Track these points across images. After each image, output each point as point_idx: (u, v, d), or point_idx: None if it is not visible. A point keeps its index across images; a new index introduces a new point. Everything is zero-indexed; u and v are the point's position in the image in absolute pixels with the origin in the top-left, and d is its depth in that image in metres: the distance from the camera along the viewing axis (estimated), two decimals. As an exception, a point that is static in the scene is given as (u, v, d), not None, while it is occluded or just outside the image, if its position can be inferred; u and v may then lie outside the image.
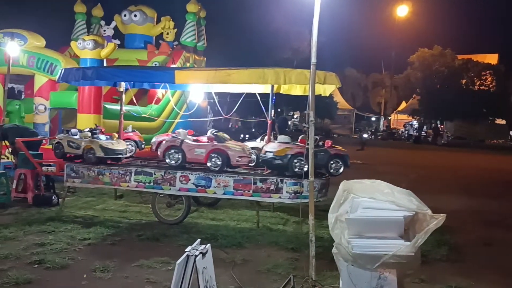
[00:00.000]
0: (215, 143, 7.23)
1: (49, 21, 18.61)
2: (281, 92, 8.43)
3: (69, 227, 6.77)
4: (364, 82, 60.25)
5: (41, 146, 9.62)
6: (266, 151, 7.17)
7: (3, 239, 6.02)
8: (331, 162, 7.07)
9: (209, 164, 7.11)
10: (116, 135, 8.15)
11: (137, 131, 8.93)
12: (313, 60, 4.71)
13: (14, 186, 8.38)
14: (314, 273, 4.63)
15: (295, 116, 46.52)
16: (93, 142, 7.61)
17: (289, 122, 38.78)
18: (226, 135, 7.69)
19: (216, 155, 7.09)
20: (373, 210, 3.64)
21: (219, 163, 7.07)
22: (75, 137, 7.85)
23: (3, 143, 9.28)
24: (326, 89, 7.73)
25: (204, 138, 8.00)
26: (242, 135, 19.22)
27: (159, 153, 7.51)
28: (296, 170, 6.87)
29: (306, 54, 27.44)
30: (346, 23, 42.40)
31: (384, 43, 58.37)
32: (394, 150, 28.64)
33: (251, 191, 6.98)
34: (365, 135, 31.54)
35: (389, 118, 55.38)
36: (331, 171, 7.08)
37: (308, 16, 4.92)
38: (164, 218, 7.41)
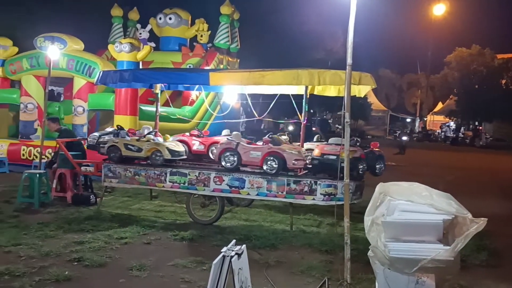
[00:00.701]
0: (271, 145, 7.14)
1: (87, 25, 19.13)
2: (315, 93, 8.39)
3: (106, 226, 6.91)
4: (399, 82, 59.21)
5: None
6: (324, 154, 7.01)
7: (44, 237, 6.21)
8: (376, 163, 7.06)
9: (265, 167, 7.02)
10: (169, 136, 8.22)
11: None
12: (349, 60, 4.66)
13: (54, 185, 8.63)
14: (349, 276, 4.58)
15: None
16: (159, 144, 7.58)
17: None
18: (281, 138, 7.57)
19: (272, 158, 7.00)
20: (411, 213, 3.57)
21: (275, 166, 6.96)
22: (127, 138, 7.82)
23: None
24: (361, 90, 7.65)
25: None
26: None
27: (213, 155, 7.56)
28: (360, 172, 6.89)
29: (340, 55, 27.22)
30: (380, 23, 41.73)
31: (419, 42, 57.21)
32: (430, 152, 28.03)
33: (284, 193, 6.97)
34: (405, 138, 28.26)
35: (425, 119, 54.23)
36: (377, 171, 7.07)
37: (342, 15, 4.87)
38: (198, 218, 7.48)
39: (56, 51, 10.23)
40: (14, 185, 9.24)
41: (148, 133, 8.02)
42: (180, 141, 8.41)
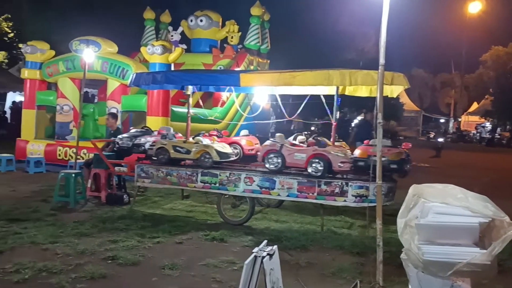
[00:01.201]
0: (316, 147, 7.04)
1: (121, 28, 19.52)
2: (346, 93, 8.32)
3: (139, 225, 7.04)
4: (432, 82, 58.01)
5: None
6: (370, 155, 6.77)
7: (80, 235, 6.37)
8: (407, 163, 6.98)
9: (309, 169, 6.93)
10: (216, 137, 8.25)
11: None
12: (381, 61, 4.61)
13: (88, 185, 8.85)
14: (382, 279, 4.53)
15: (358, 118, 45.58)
16: (208, 146, 7.56)
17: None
18: (326, 139, 7.45)
19: (317, 160, 6.90)
20: (445, 215, 3.50)
21: (320, 168, 6.85)
22: (175, 140, 7.81)
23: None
24: (393, 90, 7.54)
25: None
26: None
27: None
28: (405, 173, 6.86)
29: (371, 55, 26.86)
30: (413, 22, 40.91)
31: (454, 41, 55.77)
32: (465, 153, 27.35)
33: (315, 194, 6.93)
34: (441, 139, 25.96)
35: (459, 119, 52.94)
36: (407, 171, 6.99)
37: (374, 15, 4.82)
38: (229, 218, 7.53)
39: (91, 54, 10.46)
40: (51, 185, 9.53)
41: (197, 135, 8.04)
42: None
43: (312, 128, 25.11)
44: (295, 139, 8.06)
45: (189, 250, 6.02)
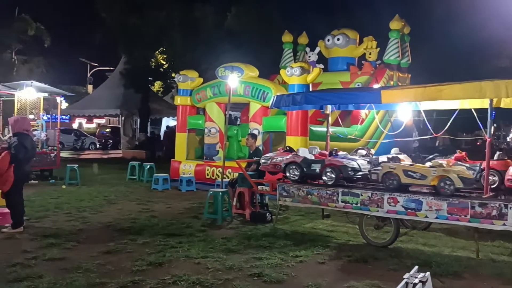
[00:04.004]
0: None
1: (260, 52, 20.46)
2: (501, 106, 7.58)
3: (281, 243, 7.17)
4: None
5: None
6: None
7: (228, 251, 6.69)
8: None
9: None
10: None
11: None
12: (546, 68, 4.11)
13: (234, 203, 9.32)
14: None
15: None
16: (450, 171, 6.66)
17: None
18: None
19: None
20: None
21: None
22: (407, 164, 7.19)
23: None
24: (560, 100, 6.69)
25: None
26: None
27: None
28: None
29: (527, 61, 24.19)
30: None
31: None
32: None
33: (468, 216, 6.38)
34: None
35: None
36: None
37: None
38: (372, 240, 7.29)
39: (235, 79, 11.11)
40: (201, 202, 10.26)
41: (432, 158, 7.38)
42: None
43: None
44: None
45: (331, 270, 5.96)
